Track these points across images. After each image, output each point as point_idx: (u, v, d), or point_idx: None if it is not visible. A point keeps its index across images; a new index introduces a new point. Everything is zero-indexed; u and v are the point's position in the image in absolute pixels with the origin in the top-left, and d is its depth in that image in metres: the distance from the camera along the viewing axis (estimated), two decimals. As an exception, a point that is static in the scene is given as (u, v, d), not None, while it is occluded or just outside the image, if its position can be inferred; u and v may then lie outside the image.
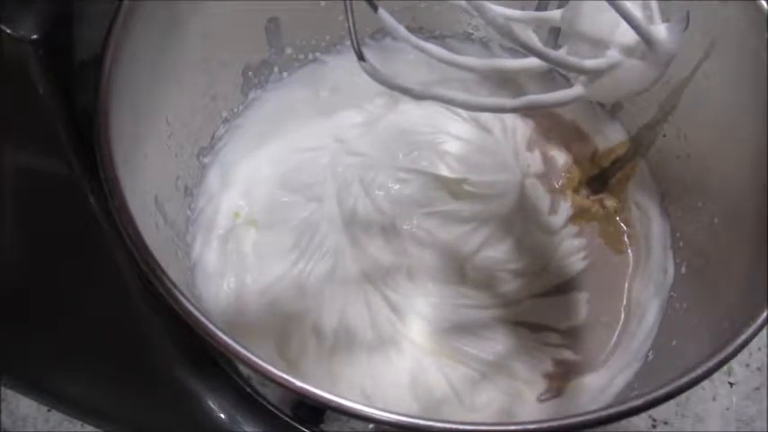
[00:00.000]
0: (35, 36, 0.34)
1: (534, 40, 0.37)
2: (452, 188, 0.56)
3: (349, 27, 0.35)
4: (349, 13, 0.35)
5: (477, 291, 0.52)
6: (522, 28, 0.37)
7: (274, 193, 0.56)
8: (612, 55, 0.35)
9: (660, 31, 0.34)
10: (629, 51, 0.35)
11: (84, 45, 0.39)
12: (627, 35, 0.34)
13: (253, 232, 0.54)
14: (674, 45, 0.35)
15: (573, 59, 0.36)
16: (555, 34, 0.42)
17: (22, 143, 0.41)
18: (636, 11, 0.34)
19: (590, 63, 0.35)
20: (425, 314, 0.51)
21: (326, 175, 0.56)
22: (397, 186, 0.55)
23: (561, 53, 0.37)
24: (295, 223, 0.54)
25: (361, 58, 0.35)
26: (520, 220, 0.55)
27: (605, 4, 0.32)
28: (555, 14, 0.39)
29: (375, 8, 0.34)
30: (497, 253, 0.53)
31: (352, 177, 0.56)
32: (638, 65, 0.35)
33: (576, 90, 0.37)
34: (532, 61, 0.37)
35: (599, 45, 0.35)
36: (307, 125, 0.59)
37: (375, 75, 0.36)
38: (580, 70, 0.36)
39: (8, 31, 0.33)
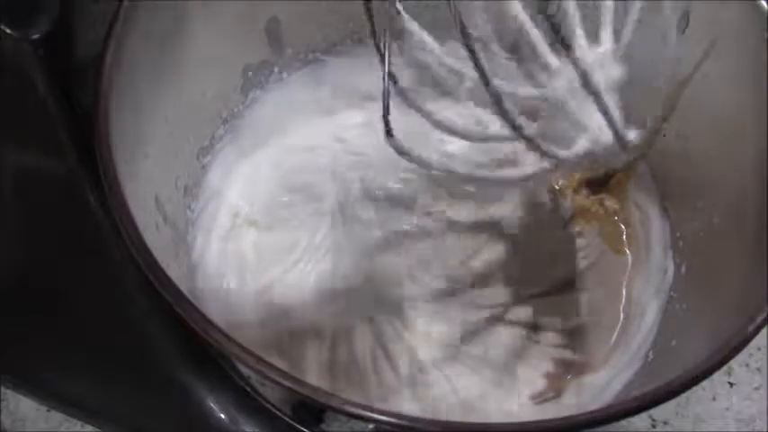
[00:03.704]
0: (35, 36, 0.34)
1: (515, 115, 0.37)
2: (453, 189, 0.55)
3: (384, 101, 0.37)
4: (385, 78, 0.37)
5: (477, 291, 0.52)
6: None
7: (274, 192, 0.56)
8: (583, 145, 0.36)
9: (633, 133, 0.35)
10: (601, 143, 0.36)
11: (84, 45, 0.39)
12: (605, 130, 0.35)
13: (253, 232, 0.54)
14: (646, 147, 0.36)
15: (547, 147, 0.36)
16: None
17: (22, 143, 0.42)
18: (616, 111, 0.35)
19: (563, 153, 0.36)
20: (425, 314, 0.51)
21: (326, 174, 0.56)
22: (397, 186, 0.55)
23: (537, 137, 0.37)
24: (295, 223, 0.54)
25: (389, 134, 0.37)
26: (520, 221, 0.55)
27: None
28: (551, 92, 0.39)
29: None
30: (497, 253, 0.53)
31: (352, 177, 0.56)
32: (608, 153, 0.36)
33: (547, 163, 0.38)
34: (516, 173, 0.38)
35: (578, 126, 0.36)
36: (307, 125, 0.59)
37: (400, 149, 0.38)
38: (553, 157, 0.36)
39: (8, 30, 0.33)
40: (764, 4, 0.43)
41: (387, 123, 0.37)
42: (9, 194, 0.45)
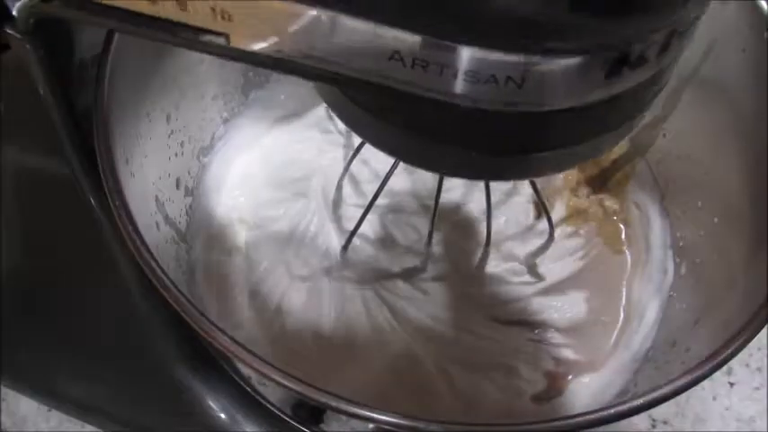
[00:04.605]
0: (35, 36, 0.34)
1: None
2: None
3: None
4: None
5: (475, 289, 0.52)
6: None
7: (267, 190, 0.56)
8: None
9: None
10: None
11: (84, 45, 0.39)
12: None
13: (249, 230, 0.54)
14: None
15: None
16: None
17: (22, 143, 0.42)
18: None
19: None
20: (423, 313, 0.51)
21: (313, 168, 0.56)
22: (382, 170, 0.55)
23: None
24: (287, 221, 0.54)
25: (344, 249, 0.52)
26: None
27: None
28: None
29: None
30: (496, 251, 0.53)
31: (339, 171, 0.55)
32: None
33: None
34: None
35: None
36: (302, 121, 0.59)
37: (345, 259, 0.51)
38: None
39: (9, 30, 0.33)
40: (764, 4, 0.43)
41: (347, 245, 0.51)
42: (10, 194, 0.45)
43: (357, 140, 0.57)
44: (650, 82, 0.26)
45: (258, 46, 0.26)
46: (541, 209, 0.55)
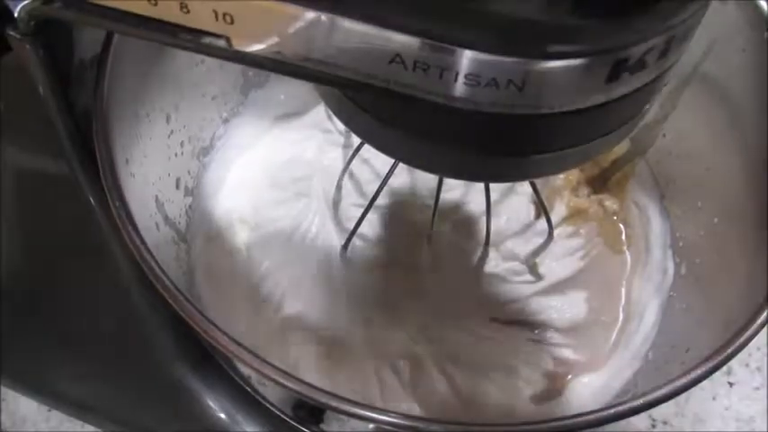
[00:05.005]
0: (36, 37, 0.34)
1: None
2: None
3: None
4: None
5: (475, 289, 0.52)
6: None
7: (267, 190, 0.56)
8: None
9: None
10: None
11: (84, 45, 0.39)
12: None
13: (249, 231, 0.54)
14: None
15: None
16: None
17: (22, 143, 0.41)
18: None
19: None
20: (423, 313, 0.51)
21: (313, 168, 0.56)
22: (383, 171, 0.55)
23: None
24: (287, 221, 0.54)
25: (344, 248, 0.51)
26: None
27: None
28: None
29: None
30: (496, 251, 0.53)
31: (339, 170, 0.55)
32: None
33: None
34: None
35: None
36: (302, 121, 0.59)
37: (344, 257, 0.51)
38: None
39: (10, 32, 0.33)
40: (764, 4, 0.43)
41: (347, 244, 0.51)
42: (10, 194, 0.45)
43: (357, 140, 0.57)
44: (650, 84, 0.26)
45: (258, 48, 0.26)
46: (552, 203, 0.55)
